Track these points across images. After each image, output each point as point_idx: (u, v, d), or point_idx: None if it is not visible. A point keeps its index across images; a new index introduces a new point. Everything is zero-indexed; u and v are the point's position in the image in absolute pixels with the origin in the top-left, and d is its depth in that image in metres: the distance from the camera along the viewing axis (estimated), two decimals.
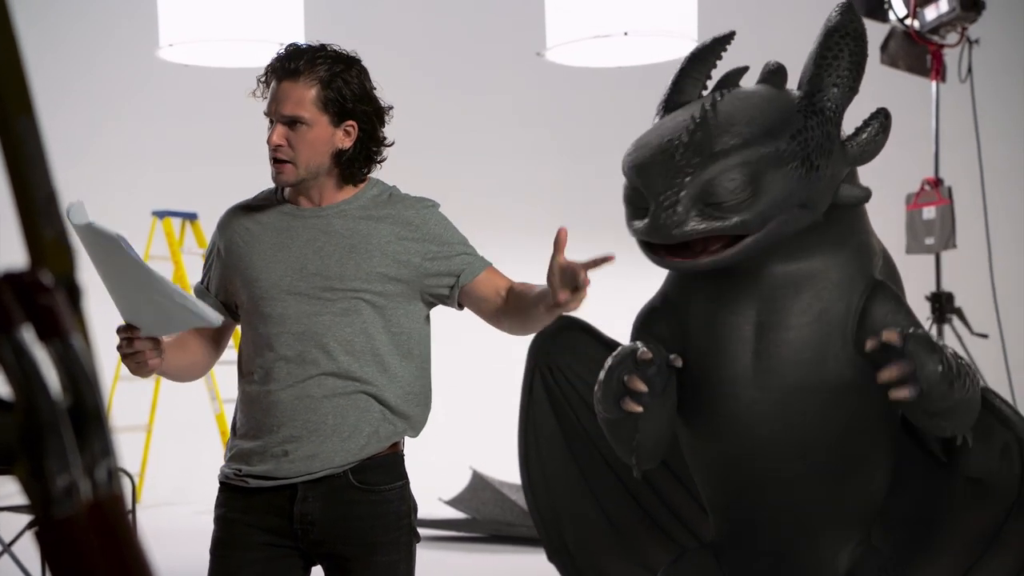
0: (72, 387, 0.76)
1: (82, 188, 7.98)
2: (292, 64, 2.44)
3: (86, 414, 0.76)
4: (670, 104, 2.85)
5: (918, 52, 5.38)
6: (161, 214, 7.30)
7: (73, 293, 0.78)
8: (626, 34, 5.10)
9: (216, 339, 2.61)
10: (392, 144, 2.56)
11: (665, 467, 3.10)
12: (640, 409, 2.61)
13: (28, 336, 0.75)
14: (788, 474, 2.73)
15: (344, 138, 2.48)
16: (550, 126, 8.05)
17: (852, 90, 2.68)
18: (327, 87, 2.44)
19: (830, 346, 2.66)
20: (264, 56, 5.55)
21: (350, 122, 2.47)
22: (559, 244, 2.24)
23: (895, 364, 2.43)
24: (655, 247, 2.62)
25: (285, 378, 2.45)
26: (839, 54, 2.66)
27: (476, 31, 8.16)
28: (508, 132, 8.08)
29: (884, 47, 5.35)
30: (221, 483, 2.53)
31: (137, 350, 2.33)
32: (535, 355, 3.24)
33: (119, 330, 2.34)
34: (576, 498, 3.26)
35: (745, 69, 2.87)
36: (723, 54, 2.92)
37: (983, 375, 4.76)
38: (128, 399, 7.20)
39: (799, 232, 2.66)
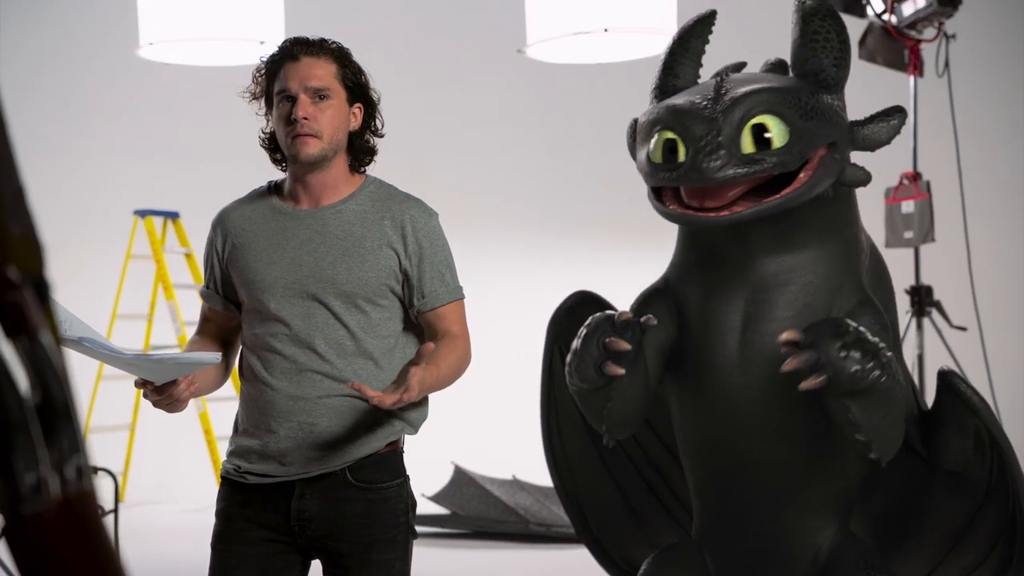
0: (40, 384, 0.76)
1: (63, 188, 7.97)
2: (308, 44, 2.48)
3: (55, 411, 0.76)
4: (665, 87, 2.88)
5: (896, 47, 5.40)
6: (143, 213, 7.28)
7: (42, 290, 0.78)
8: (606, 31, 5.11)
9: (227, 341, 2.61)
10: (383, 136, 2.57)
11: (673, 457, 3.12)
12: (623, 372, 2.63)
13: None
14: (770, 457, 2.78)
15: (354, 119, 2.51)
16: (532, 123, 8.05)
17: (847, 66, 2.76)
18: (343, 66, 2.49)
19: None
20: (244, 55, 5.56)
21: (358, 103, 2.51)
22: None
23: (795, 356, 2.49)
24: (682, 202, 2.69)
25: (280, 379, 2.46)
26: (827, 35, 2.73)
27: (457, 29, 8.15)
28: (490, 129, 8.08)
29: (862, 42, 5.37)
30: (223, 478, 2.55)
31: (161, 396, 2.34)
32: (553, 332, 3.19)
33: (136, 384, 2.35)
34: (597, 479, 3.27)
35: (743, 64, 2.90)
36: (710, 36, 2.94)
37: (962, 368, 4.78)
38: (111, 399, 7.18)
39: (788, 225, 2.72)
